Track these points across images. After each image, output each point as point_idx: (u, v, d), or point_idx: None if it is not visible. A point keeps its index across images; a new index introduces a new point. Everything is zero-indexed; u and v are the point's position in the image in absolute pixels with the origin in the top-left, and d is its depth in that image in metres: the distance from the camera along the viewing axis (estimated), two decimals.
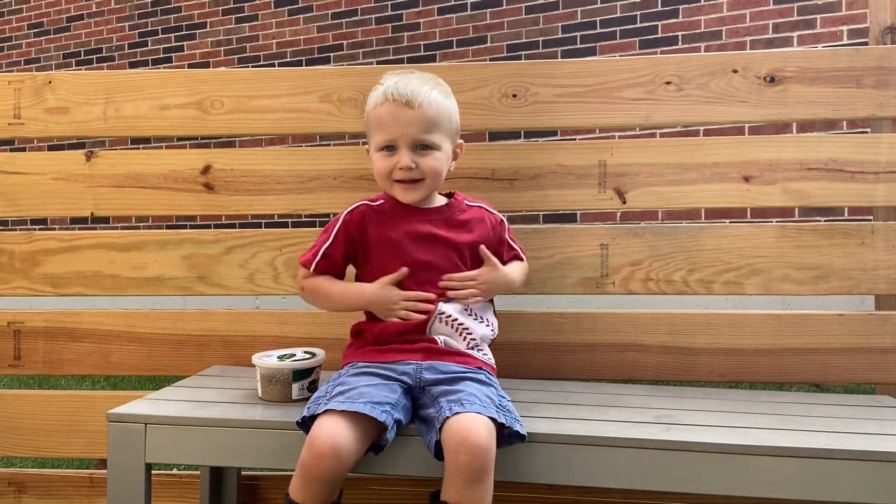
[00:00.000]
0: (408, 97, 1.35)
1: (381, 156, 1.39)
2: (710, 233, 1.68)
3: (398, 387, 1.28)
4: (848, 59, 1.65)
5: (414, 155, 1.36)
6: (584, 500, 1.69)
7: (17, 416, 1.81)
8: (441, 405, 1.23)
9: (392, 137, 1.36)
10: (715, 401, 1.51)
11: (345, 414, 1.18)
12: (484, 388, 1.28)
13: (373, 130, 1.41)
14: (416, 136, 1.36)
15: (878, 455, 1.18)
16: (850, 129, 3.37)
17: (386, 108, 1.37)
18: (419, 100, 1.35)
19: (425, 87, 1.38)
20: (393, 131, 1.36)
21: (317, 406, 1.22)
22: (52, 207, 1.82)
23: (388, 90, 1.37)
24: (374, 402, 1.20)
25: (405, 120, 1.35)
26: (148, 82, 1.80)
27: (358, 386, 1.25)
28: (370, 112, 1.41)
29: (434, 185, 1.41)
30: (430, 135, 1.37)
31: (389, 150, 1.38)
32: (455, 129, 1.44)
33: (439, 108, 1.38)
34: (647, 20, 4.18)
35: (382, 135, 1.38)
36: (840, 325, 1.66)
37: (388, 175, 1.39)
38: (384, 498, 1.75)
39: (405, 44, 4.76)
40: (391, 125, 1.36)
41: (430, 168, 1.38)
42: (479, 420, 1.17)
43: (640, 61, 1.70)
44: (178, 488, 1.83)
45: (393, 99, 1.36)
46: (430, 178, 1.39)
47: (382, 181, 1.41)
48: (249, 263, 1.77)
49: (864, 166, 1.64)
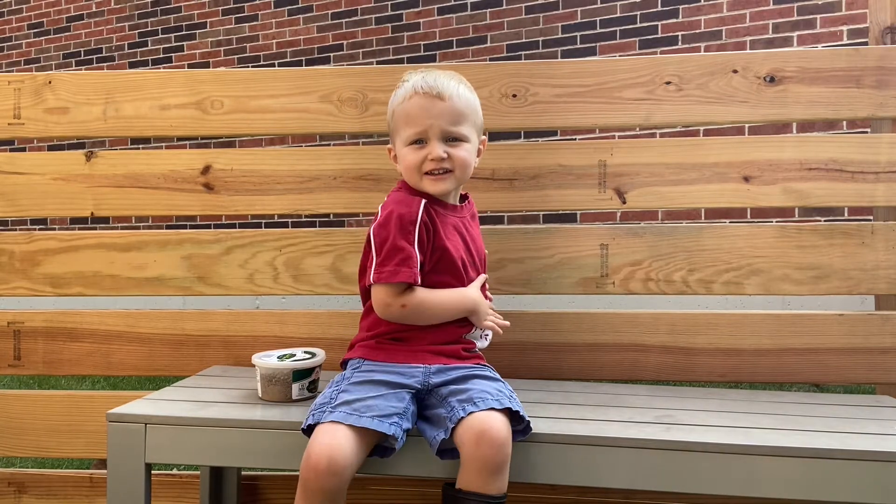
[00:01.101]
0: (438, 90, 1.36)
1: (411, 149, 1.37)
2: (710, 233, 1.68)
3: (406, 393, 1.28)
4: (848, 59, 1.65)
5: (445, 146, 1.36)
6: (584, 500, 1.69)
7: (17, 416, 1.81)
8: (452, 405, 1.23)
9: (423, 129, 1.36)
10: (715, 401, 1.51)
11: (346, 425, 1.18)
12: (493, 384, 1.29)
13: (400, 126, 1.39)
14: (447, 127, 1.36)
15: (879, 455, 1.18)
16: (850, 129, 3.37)
17: (415, 101, 1.36)
18: (448, 92, 1.36)
19: (452, 82, 1.39)
20: (423, 123, 1.35)
21: (321, 414, 1.21)
22: (51, 207, 1.82)
23: (417, 84, 1.37)
24: (383, 416, 1.20)
25: (436, 112, 1.35)
26: (148, 82, 1.80)
27: (365, 398, 1.23)
28: (397, 107, 1.40)
29: (463, 177, 1.40)
30: (459, 126, 1.37)
31: (419, 143, 1.37)
32: (480, 124, 1.44)
33: (468, 102, 1.39)
34: (647, 20, 4.18)
35: (412, 128, 1.36)
36: (840, 325, 1.66)
37: (418, 168, 1.37)
38: (384, 498, 1.75)
39: (405, 44, 4.76)
40: (422, 117, 1.36)
41: (461, 159, 1.37)
42: (496, 415, 1.19)
43: (640, 61, 1.70)
44: (178, 488, 1.83)
45: (423, 92, 1.36)
46: (459, 170, 1.38)
47: (412, 175, 1.38)
48: (249, 263, 1.77)
49: (864, 166, 1.64)
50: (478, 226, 1.51)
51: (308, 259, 1.75)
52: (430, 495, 1.73)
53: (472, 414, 1.19)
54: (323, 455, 1.14)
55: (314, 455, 1.15)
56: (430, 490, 1.72)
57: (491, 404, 1.20)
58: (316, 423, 1.20)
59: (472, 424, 1.17)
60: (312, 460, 1.14)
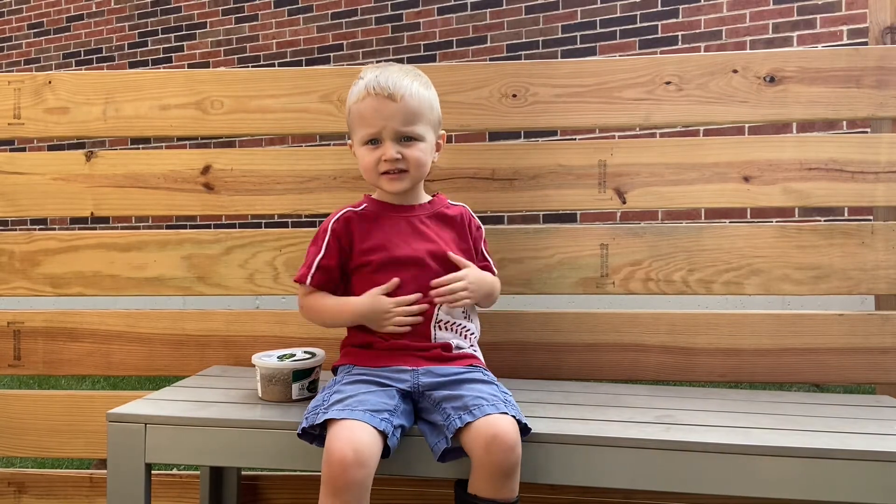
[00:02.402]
0: (390, 90, 1.36)
1: (366, 150, 1.39)
2: (710, 233, 1.68)
3: (395, 392, 1.27)
4: (848, 59, 1.65)
5: (398, 146, 1.37)
6: (584, 500, 1.69)
7: (17, 416, 1.81)
8: (447, 412, 1.22)
9: (376, 130, 1.37)
10: (715, 401, 1.51)
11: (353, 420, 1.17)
12: (487, 387, 1.28)
13: (356, 125, 1.40)
14: (400, 128, 1.36)
15: (879, 455, 1.18)
16: (850, 129, 3.37)
17: (368, 102, 1.37)
18: (401, 92, 1.36)
19: (406, 80, 1.38)
20: (376, 124, 1.36)
21: (315, 416, 1.21)
22: (51, 207, 1.82)
23: (370, 84, 1.37)
24: (374, 411, 1.19)
25: (388, 113, 1.36)
26: (148, 82, 1.80)
27: (356, 394, 1.24)
28: (352, 107, 1.41)
29: (418, 175, 1.41)
30: (413, 126, 1.37)
31: (374, 143, 1.38)
32: (437, 120, 1.44)
33: (421, 100, 1.38)
34: (647, 20, 4.18)
35: (366, 129, 1.38)
36: (840, 325, 1.66)
37: (374, 168, 1.39)
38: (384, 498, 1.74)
39: (405, 44, 4.76)
40: (374, 118, 1.36)
41: (415, 158, 1.38)
42: (503, 418, 1.18)
43: (640, 61, 1.70)
44: (178, 488, 1.83)
45: (375, 93, 1.36)
46: (414, 169, 1.39)
47: (369, 174, 1.41)
48: (249, 263, 1.77)
49: (864, 166, 1.64)
50: (445, 225, 1.44)
51: None
52: (430, 495, 1.73)
53: (480, 419, 1.18)
54: (348, 448, 1.12)
55: (337, 450, 1.12)
56: (430, 490, 1.73)
57: (487, 410, 1.19)
58: (310, 425, 1.20)
59: (481, 430, 1.17)
60: (336, 455, 1.12)
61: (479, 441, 1.16)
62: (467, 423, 1.18)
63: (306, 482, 1.80)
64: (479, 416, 1.18)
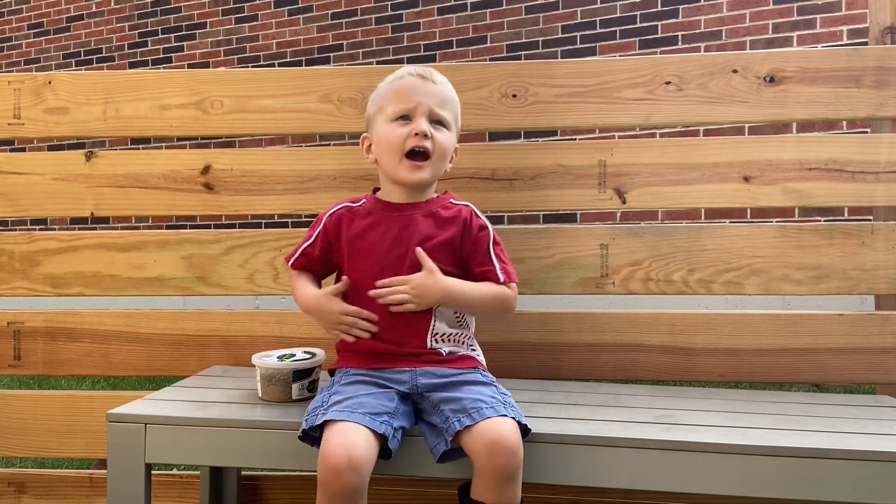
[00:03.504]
0: (430, 73, 1.41)
1: (395, 125, 1.36)
2: (710, 233, 1.68)
3: (395, 394, 1.27)
4: (848, 59, 1.65)
5: (430, 126, 1.36)
6: (584, 500, 1.69)
7: (17, 416, 1.81)
8: (446, 415, 1.22)
9: (411, 106, 1.36)
10: (715, 401, 1.51)
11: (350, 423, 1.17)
12: (486, 389, 1.28)
13: (387, 103, 1.39)
14: (434, 107, 1.37)
15: (878, 455, 1.18)
16: (850, 129, 3.37)
17: (407, 80, 1.40)
18: (438, 78, 1.41)
19: (441, 75, 1.43)
20: (413, 100, 1.36)
21: (314, 417, 1.21)
22: (51, 207, 1.82)
23: (408, 68, 1.42)
24: (373, 413, 1.19)
25: (426, 91, 1.38)
26: (148, 82, 1.80)
27: (356, 395, 1.24)
28: (386, 87, 1.41)
29: (438, 168, 1.39)
30: (444, 111, 1.39)
31: (404, 119, 1.37)
32: (459, 127, 1.46)
33: (453, 95, 1.44)
34: (647, 20, 4.18)
35: (401, 104, 1.37)
36: (840, 325, 1.66)
37: (400, 144, 1.35)
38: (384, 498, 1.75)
39: (405, 44, 4.76)
40: (411, 94, 1.37)
41: (441, 145, 1.37)
42: (504, 422, 1.18)
43: (640, 61, 1.70)
44: (178, 488, 1.83)
45: (415, 73, 1.40)
46: (437, 158, 1.37)
47: (391, 152, 1.37)
48: (249, 263, 1.77)
49: (864, 166, 1.64)
50: (438, 225, 1.38)
51: None
52: (430, 495, 1.73)
53: (480, 423, 1.17)
54: (341, 454, 1.11)
55: (332, 455, 1.12)
56: (429, 490, 1.73)
57: (486, 413, 1.19)
58: (310, 427, 1.20)
59: (483, 433, 1.16)
60: (331, 461, 1.12)
61: (480, 446, 1.16)
62: (466, 426, 1.18)
63: (306, 482, 1.80)
64: (478, 419, 1.18)
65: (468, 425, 1.18)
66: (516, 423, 1.19)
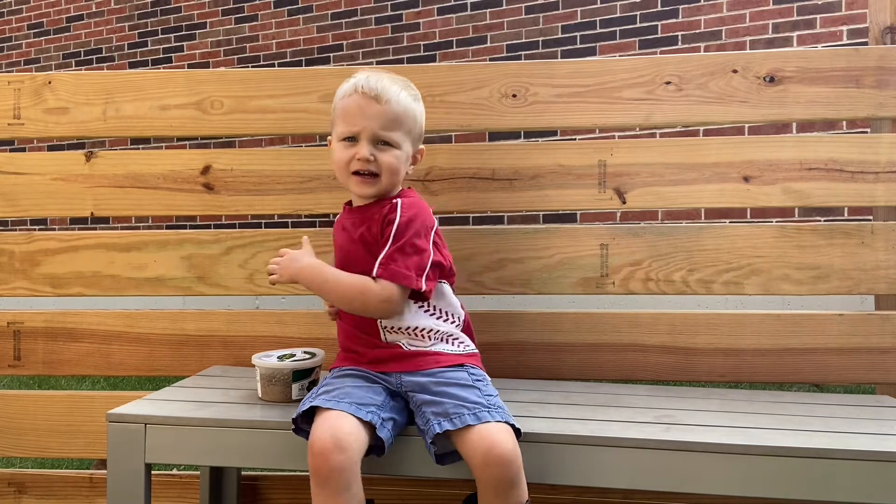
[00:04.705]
0: (377, 91, 1.36)
1: (341, 146, 1.39)
2: (710, 233, 1.68)
3: (382, 389, 1.29)
4: (848, 59, 1.65)
5: (373, 149, 1.36)
6: (584, 500, 1.69)
7: (17, 416, 1.81)
8: (427, 417, 1.23)
9: (356, 129, 1.36)
10: (715, 401, 1.51)
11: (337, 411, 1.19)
12: (468, 393, 1.26)
13: (337, 121, 1.41)
14: (378, 130, 1.36)
15: (878, 455, 1.18)
16: (850, 129, 3.37)
17: (354, 99, 1.37)
18: (387, 96, 1.36)
19: (395, 87, 1.38)
20: (357, 123, 1.36)
21: (303, 405, 1.23)
22: (51, 207, 1.82)
23: (359, 83, 1.38)
24: (360, 404, 1.21)
25: (370, 113, 1.35)
26: (148, 82, 1.80)
27: (343, 386, 1.26)
28: (337, 102, 1.42)
29: (390, 182, 1.39)
30: (391, 132, 1.37)
31: (350, 140, 1.38)
32: (418, 134, 1.43)
33: (406, 109, 1.38)
34: (647, 20, 4.18)
35: (346, 125, 1.38)
36: (840, 325, 1.65)
37: (346, 166, 1.38)
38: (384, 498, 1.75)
39: (405, 44, 4.76)
40: (356, 116, 1.36)
41: (388, 164, 1.37)
42: (498, 429, 1.18)
43: (640, 61, 1.70)
44: (178, 488, 1.83)
45: (362, 91, 1.36)
46: (386, 175, 1.37)
47: (341, 172, 1.40)
48: (249, 263, 1.77)
49: (864, 166, 1.64)
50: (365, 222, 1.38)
51: None
52: (429, 495, 1.73)
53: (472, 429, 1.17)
54: (326, 435, 1.15)
55: (318, 439, 1.15)
56: (429, 490, 1.73)
57: (467, 420, 1.19)
58: (299, 415, 1.22)
59: (475, 443, 1.17)
60: (317, 445, 1.15)
61: (475, 454, 1.16)
62: (447, 430, 1.18)
63: (306, 482, 1.78)
64: (459, 425, 1.18)
65: (449, 430, 1.18)
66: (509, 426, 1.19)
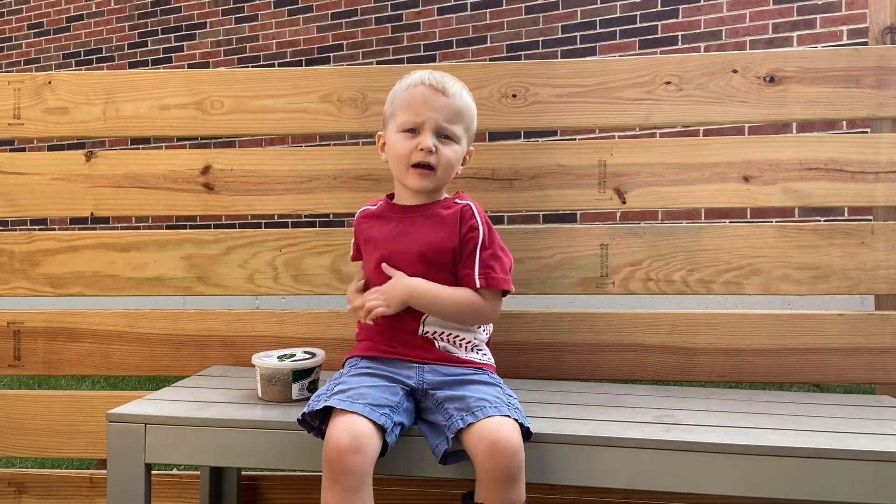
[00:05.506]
0: (443, 85, 1.38)
1: (402, 136, 1.38)
2: (710, 233, 1.68)
3: (400, 389, 1.28)
4: (848, 59, 1.65)
5: (436, 140, 1.37)
6: (584, 500, 1.69)
7: (17, 416, 1.81)
8: (449, 413, 1.22)
9: (419, 120, 1.37)
10: (715, 401, 1.51)
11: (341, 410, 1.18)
12: (490, 389, 1.28)
13: (399, 111, 1.40)
14: (442, 122, 1.37)
15: (878, 455, 1.18)
16: (850, 129, 3.37)
17: (419, 90, 1.38)
18: (452, 91, 1.39)
19: (457, 84, 1.41)
20: (421, 114, 1.37)
21: (317, 402, 1.22)
22: (51, 208, 1.82)
23: (424, 76, 1.40)
24: (374, 405, 1.20)
25: (436, 105, 1.37)
26: (148, 82, 1.80)
27: (359, 387, 1.25)
28: (399, 94, 1.41)
29: (445, 177, 1.40)
30: (454, 125, 1.38)
31: (411, 132, 1.38)
32: (473, 133, 1.46)
33: (468, 105, 1.42)
34: (647, 20, 4.18)
35: (409, 115, 1.38)
36: (840, 325, 1.66)
37: (406, 157, 1.38)
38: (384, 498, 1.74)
39: (405, 44, 4.76)
40: (421, 107, 1.37)
41: (447, 158, 1.38)
42: (505, 423, 1.18)
43: (640, 61, 1.70)
44: (178, 488, 1.83)
45: (428, 83, 1.38)
46: (442, 170, 1.38)
47: (399, 164, 1.39)
48: (249, 263, 1.77)
49: (864, 166, 1.64)
50: (437, 225, 1.38)
51: (308, 259, 1.75)
52: (430, 495, 1.73)
53: (481, 421, 1.18)
54: (345, 434, 1.14)
55: (335, 437, 1.14)
56: (429, 490, 1.73)
57: (489, 413, 1.19)
58: (310, 411, 1.21)
59: (483, 434, 1.17)
60: (334, 442, 1.14)
61: (480, 446, 1.16)
62: (469, 423, 1.18)
63: (306, 482, 1.80)
64: (481, 417, 1.19)
65: (471, 423, 1.18)
66: (518, 424, 1.19)
